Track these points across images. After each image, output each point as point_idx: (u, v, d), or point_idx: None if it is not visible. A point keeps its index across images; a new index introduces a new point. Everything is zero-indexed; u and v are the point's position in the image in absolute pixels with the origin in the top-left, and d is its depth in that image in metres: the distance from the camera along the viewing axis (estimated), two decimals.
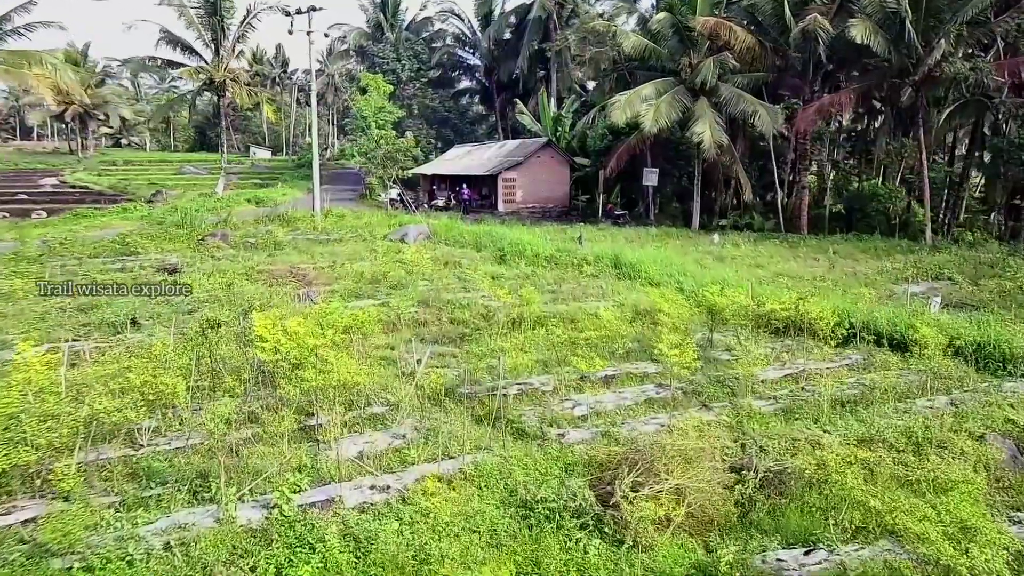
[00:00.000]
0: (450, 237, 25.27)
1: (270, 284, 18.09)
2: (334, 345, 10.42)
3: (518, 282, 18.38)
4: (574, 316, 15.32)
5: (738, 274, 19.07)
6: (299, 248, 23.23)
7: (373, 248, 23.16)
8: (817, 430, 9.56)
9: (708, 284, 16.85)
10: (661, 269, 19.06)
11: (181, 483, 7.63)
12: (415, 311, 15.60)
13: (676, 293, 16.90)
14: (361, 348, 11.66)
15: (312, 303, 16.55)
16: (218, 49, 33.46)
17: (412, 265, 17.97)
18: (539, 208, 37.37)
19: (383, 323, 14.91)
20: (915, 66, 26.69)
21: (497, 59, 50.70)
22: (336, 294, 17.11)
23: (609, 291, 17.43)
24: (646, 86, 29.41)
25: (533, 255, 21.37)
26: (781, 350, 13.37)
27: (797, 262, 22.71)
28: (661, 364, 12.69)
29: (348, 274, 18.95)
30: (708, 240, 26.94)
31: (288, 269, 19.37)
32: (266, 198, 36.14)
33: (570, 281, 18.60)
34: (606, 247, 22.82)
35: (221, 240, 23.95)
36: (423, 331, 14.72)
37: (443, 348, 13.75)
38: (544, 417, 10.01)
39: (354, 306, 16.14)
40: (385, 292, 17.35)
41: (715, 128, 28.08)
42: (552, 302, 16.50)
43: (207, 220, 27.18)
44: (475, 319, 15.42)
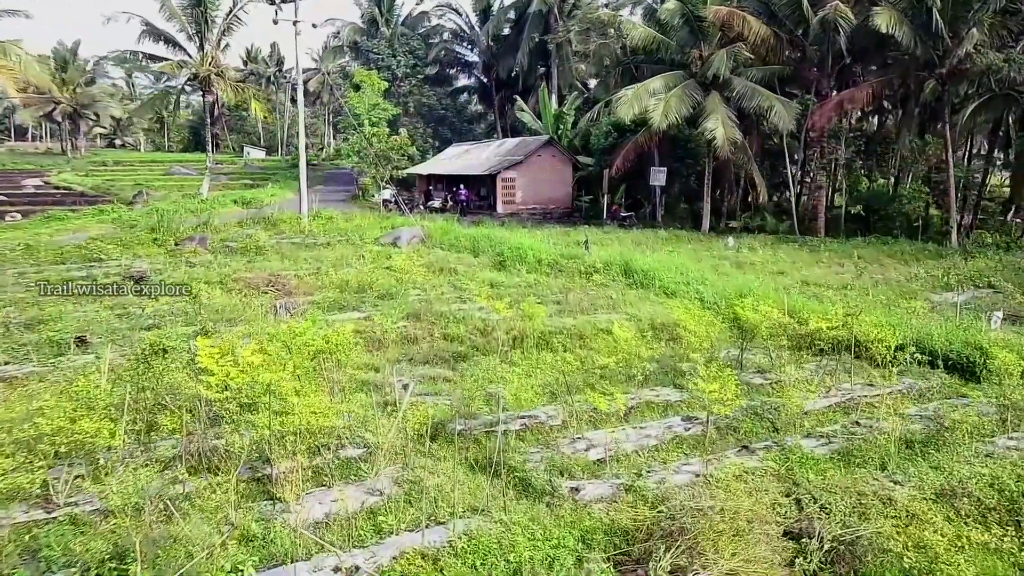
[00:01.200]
0: (446, 241, 23.58)
1: (245, 294, 16.39)
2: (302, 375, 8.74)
3: (519, 292, 16.68)
4: (583, 332, 13.62)
5: (761, 282, 17.36)
6: (282, 253, 21.54)
7: (362, 253, 21.47)
8: (885, 480, 7.86)
9: (731, 294, 15.16)
10: (676, 277, 17.36)
11: (88, 568, 5.90)
12: (404, 326, 13.90)
13: (699, 307, 15.19)
14: (336, 376, 9.91)
15: (290, 316, 14.87)
16: (202, 43, 31.74)
17: (402, 273, 16.25)
18: (540, 209, 35.66)
19: (366, 340, 13.22)
20: (941, 58, 25.04)
21: (496, 55, 49.01)
22: (317, 306, 15.41)
23: (620, 302, 15.72)
24: (654, 80, 27.72)
25: (535, 261, 19.68)
26: (822, 373, 11.67)
27: (820, 268, 21.02)
28: (686, 391, 11.01)
29: (333, 282, 17.24)
30: (722, 244, 25.23)
31: (267, 277, 17.65)
32: (254, 199, 34.43)
33: (577, 290, 16.90)
34: (613, 252, 21.12)
35: (199, 245, 22.27)
36: (412, 349, 13.01)
37: (435, 370, 12.05)
38: (553, 463, 8.30)
39: (336, 320, 14.45)
40: (372, 303, 15.65)
41: (728, 124, 26.39)
42: (557, 315, 14.80)
43: (186, 223, 25.48)
44: (472, 335, 13.73)
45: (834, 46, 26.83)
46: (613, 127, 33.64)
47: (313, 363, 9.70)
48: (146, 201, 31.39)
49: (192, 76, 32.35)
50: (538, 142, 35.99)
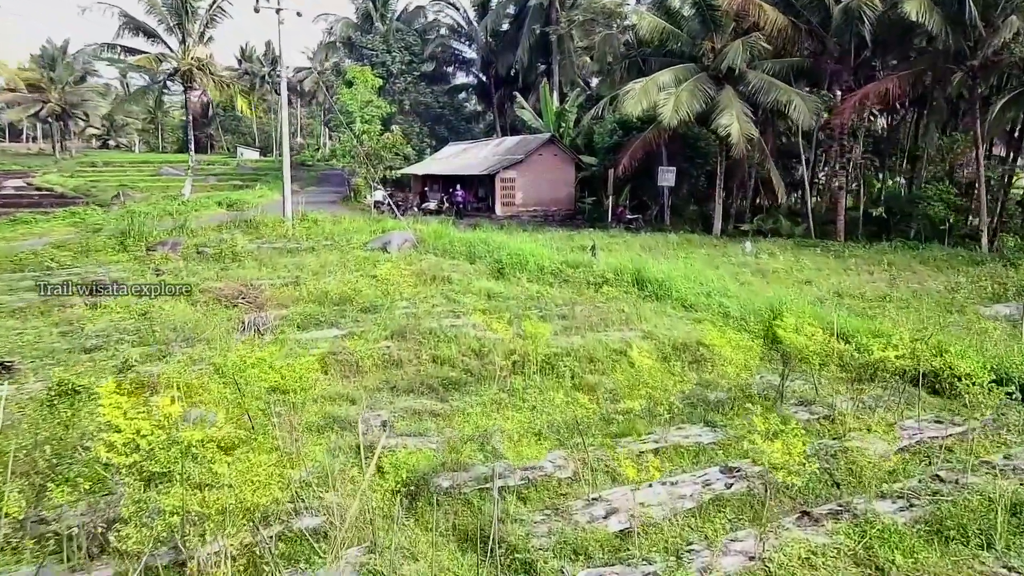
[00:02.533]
0: (440, 246, 21.77)
1: (211, 307, 14.57)
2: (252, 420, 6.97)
3: (520, 304, 14.87)
4: (593, 353, 11.82)
5: (791, 294, 15.56)
6: (260, 259, 19.73)
7: (347, 260, 19.68)
8: (997, 566, 6.05)
9: (762, 309, 13.35)
10: (695, 287, 15.56)
11: None
12: (387, 346, 12.09)
13: (725, 322, 13.38)
14: (295, 420, 8.09)
15: (258, 334, 13.07)
16: (184, 36, 29.93)
17: (388, 283, 14.44)
18: (541, 211, 33.84)
19: (342, 364, 11.41)
20: (972, 49, 23.27)
21: (495, 52, 47.18)
22: (290, 322, 13.60)
23: (634, 317, 13.91)
24: (664, 73, 25.92)
25: (537, 269, 17.87)
26: (876, 405, 9.86)
27: (849, 276, 19.22)
28: (721, 429, 9.21)
29: (311, 294, 15.43)
30: (738, 248, 23.41)
31: (238, 287, 15.83)
32: (239, 201, 32.59)
33: (584, 302, 15.09)
34: (622, 258, 19.31)
35: (171, 250, 20.48)
36: (395, 375, 11.20)
37: (420, 402, 10.24)
38: (564, 538, 6.48)
39: (309, 339, 12.65)
40: (353, 318, 13.84)
41: (744, 120, 24.59)
42: (563, 332, 12.98)
43: (160, 226, 23.69)
44: (465, 356, 11.93)
45: (856, 37, 25.04)
46: (618, 125, 31.85)
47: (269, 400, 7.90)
48: (123, 203, 29.59)
49: (174, 71, 30.54)
50: (539, 140, 34.16)
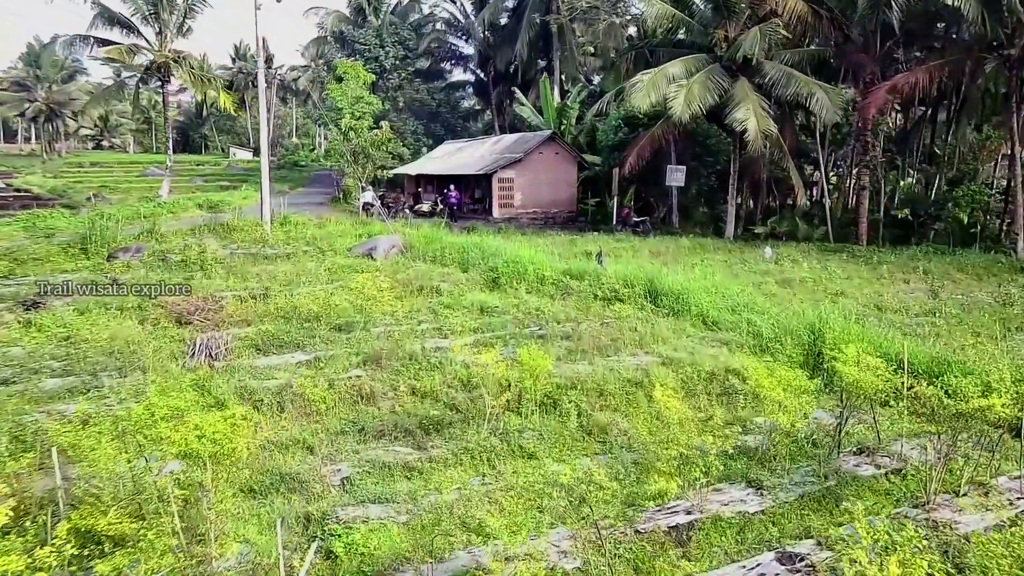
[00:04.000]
0: (430, 251, 19.83)
1: (161, 325, 12.67)
2: None
3: (517, 322, 12.94)
4: (604, 385, 9.90)
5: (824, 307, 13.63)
6: (231, 267, 17.75)
7: (328, 267, 17.76)
8: None
9: (800, 329, 11.43)
10: (717, 301, 13.63)
11: None
12: (358, 376, 10.17)
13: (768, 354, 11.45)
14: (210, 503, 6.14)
15: (209, 360, 11.15)
16: (160, 26, 28.01)
17: (365, 297, 12.50)
18: (541, 214, 31.89)
19: (302, 400, 9.50)
20: (1010, 37, 21.39)
21: (493, 47, 45.25)
22: (250, 343, 11.69)
23: (649, 337, 11.99)
24: (673, 64, 23.99)
25: (537, 278, 15.95)
26: (950, 453, 7.94)
27: (884, 286, 17.30)
28: (767, 492, 7.29)
29: (280, 308, 13.51)
30: (757, 254, 21.49)
31: (198, 301, 13.89)
32: (221, 202, 30.62)
33: (592, 318, 13.17)
34: (632, 266, 17.42)
35: (134, 256, 18.59)
36: (366, 414, 9.29)
37: (393, 450, 8.34)
38: None
39: (268, 366, 10.73)
40: (324, 338, 11.93)
41: (761, 114, 22.64)
42: (567, 358, 11.06)
43: (128, 231, 21.79)
44: (451, 387, 10.02)
45: (882, 25, 23.13)
46: (623, 121, 29.90)
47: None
48: (94, 205, 27.70)
49: (151, 64, 28.60)
50: (539, 138, 32.20)
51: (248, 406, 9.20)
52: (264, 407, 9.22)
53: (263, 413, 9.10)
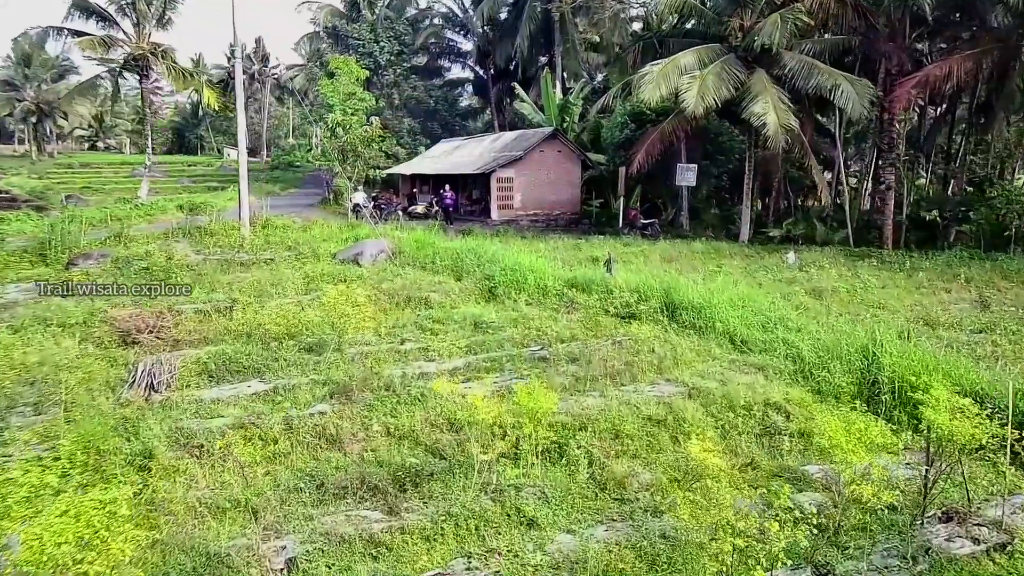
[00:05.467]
0: (421, 257, 18.15)
1: (102, 345, 10.95)
2: None
3: (514, 341, 11.21)
4: (620, 425, 8.17)
5: (866, 323, 11.90)
6: (200, 275, 16.01)
7: (307, 275, 16.05)
8: None
9: (851, 351, 9.69)
10: (746, 315, 11.90)
11: None
12: (322, 413, 8.44)
13: (793, 368, 9.75)
14: None
15: (151, 391, 9.43)
16: (138, 18, 26.31)
17: (339, 314, 10.75)
18: (543, 216, 30.14)
19: (251, 444, 7.78)
20: None
21: (492, 42, 43.54)
22: (202, 368, 9.96)
23: (669, 360, 10.25)
24: (685, 54, 22.27)
25: (538, 288, 14.23)
26: None
27: (924, 296, 15.55)
28: None
29: (244, 325, 11.80)
30: (778, 260, 19.76)
31: (152, 315, 12.16)
32: (204, 204, 28.91)
33: (603, 336, 11.44)
34: (643, 274, 15.70)
35: (96, 263, 16.94)
36: (327, 462, 7.56)
37: (357, 514, 6.61)
38: None
39: (215, 400, 9.00)
40: (290, 361, 10.20)
41: (781, 108, 20.89)
42: (574, 387, 9.33)
43: (94, 234, 20.11)
44: (435, 427, 8.31)
45: (912, 12, 21.40)
46: (630, 117, 28.17)
47: None
48: (66, 206, 25.99)
49: (128, 57, 26.88)
50: (541, 135, 30.41)
51: (184, 454, 7.51)
52: (204, 455, 7.52)
53: (202, 463, 7.40)
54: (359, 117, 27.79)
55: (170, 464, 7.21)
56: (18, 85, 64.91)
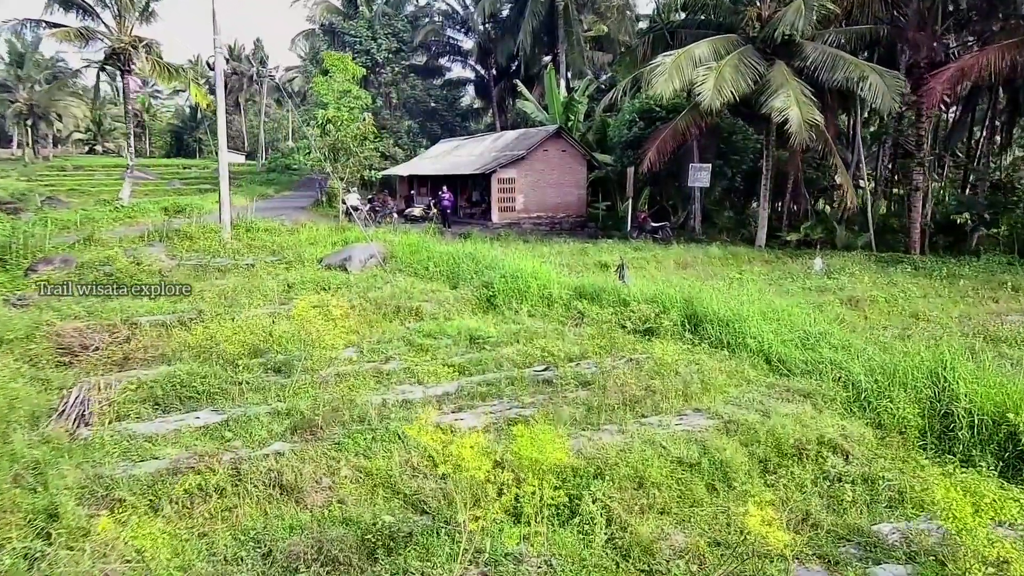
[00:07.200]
0: (414, 262, 16.71)
1: (41, 365, 9.46)
2: None
3: (515, 361, 9.69)
4: (642, 469, 6.63)
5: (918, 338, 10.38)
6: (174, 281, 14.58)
7: (287, 282, 14.59)
8: None
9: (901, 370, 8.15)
10: (780, 330, 10.37)
11: None
12: (279, 454, 6.92)
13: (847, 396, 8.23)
14: None
15: (81, 424, 7.91)
16: (119, 10, 24.92)
17: (308, 330, 9.22)
18: (546, 218, 28.65)
19: (191, 496, 6.27)
20: None
21: (493, 39, 42.13)
22: (148, 394, 8.46)
23: (697, 384, 8.71)
24: (700, 44, 20.78)
25: (542, 298, 12.74)
26: None
27: (969, 306, 14.00)
28: None
29: (206, 340, 10.28)
30: (802, 266, 18.24)
31: (100, 329, 10.69)
32: (190, 206, 27.53)
33: (617, 352, 9.92)
34: (658, 281, 14.22)
35: (58, 268, 15.53)
36: (280, 518, 6.04)
37: None
38: None
39: (151, 436, 7.49)
40: (251, 385, 8.69)
41: (804, 103, 19.37)
42: (586, 421, 7.79)
43: (63, 238, 18.74)
44: (417, 471, 6.79)
45: None
46: (639, 115, 26.66)
47: None
48: (39, 209, 24.59)
49: (111, 52, 25.50)
50: (544, 133, 28.92)
51: (98, 512, 6.00)
52: (124, 511, 6.01)
53: (118, 523, 5.88)
54: (345, 113, 26.38)
55: (77, 526, 5.70)
56: (11, 86, 63.79)
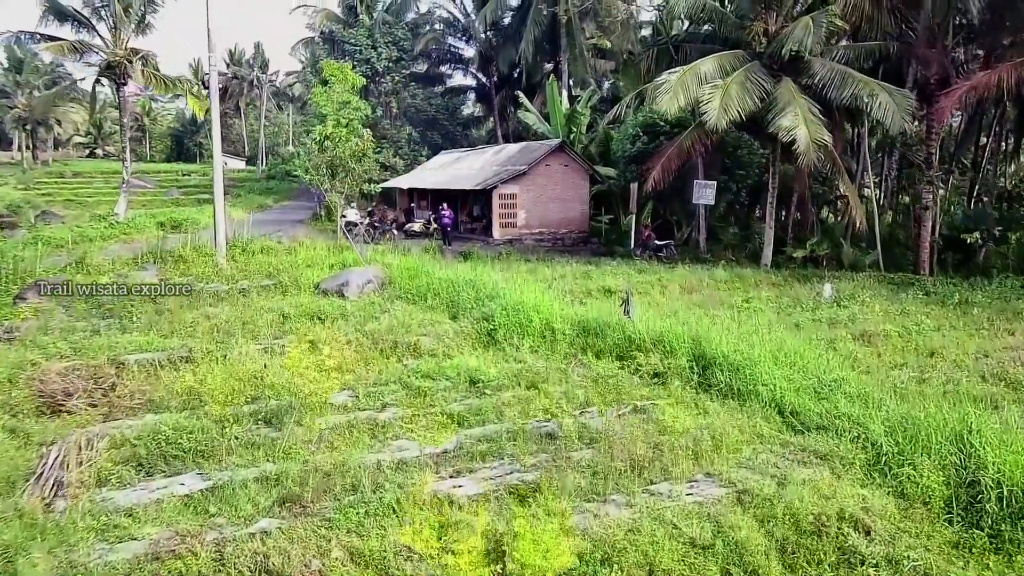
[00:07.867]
0: (413, 288, 16.31)
1: (22, 416, 9.06)
2: None
3: (516, 410, 9.28)
4: (655, 555, 6.21)
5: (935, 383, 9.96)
6: (161, 311, 14.14)
7: (284, 312, 14.17)
8: None
9: (926, 429, 7.73)
10: (792, 375, 9.95)
11: None
12: (264, 532, 6.50)
13: (866, 460, 7.81)
14: None
15: (56, 495, 7.49)
16: (115, 22, 24.57)
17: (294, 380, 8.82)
18: (548, 234, 28.26)
19: None
20: None
21: (495, 48, 41.76)
22: (130, 454, 8.05)
23: (707, 443, 8.29)
24: (705, 61, 20.40)
25: (544, 333, 12.34)
26: None
27: (984, 340, 13.57)
28: None
29: (199, 382, 9.88)
30: (810, 290, 17.81)
31: (86, 373, 10.28)
32: (188, 220, 27.17)
33: (624, 399, 9.52)
34: (663, 311, 13.82)
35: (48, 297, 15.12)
36: None
37: None
38: None
39: (131, 509, 7.08)
40: (241, 440, 8.28)
41: (812, 121, 18.97)
42: (591, 489, 7.36)
43: (54, 259, 18.35)
44: (413, 550, 6.37)
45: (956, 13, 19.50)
46: (643, 129, 26.28)
47: None
48: (33, 225, 24.21)
49: (105, 63, 25.14)
50: (546, 147, 28.55)
51: None
52: None
53: None
54: (351, 128, 25.97)
55: None
56: (9, 92, 63.58)
